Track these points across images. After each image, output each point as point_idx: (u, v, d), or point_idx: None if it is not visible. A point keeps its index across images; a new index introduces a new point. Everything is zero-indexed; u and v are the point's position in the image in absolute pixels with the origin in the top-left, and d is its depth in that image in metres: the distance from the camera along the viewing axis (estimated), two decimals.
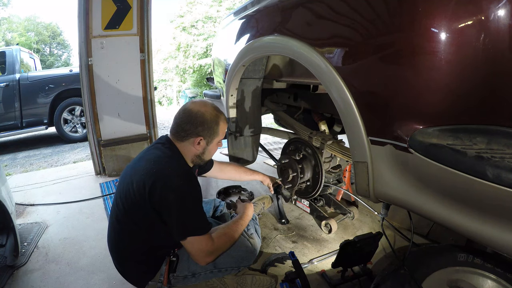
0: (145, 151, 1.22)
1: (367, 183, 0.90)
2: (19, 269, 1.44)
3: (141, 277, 1.16)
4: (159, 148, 1.17)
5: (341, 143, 1.54)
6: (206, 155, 1.24)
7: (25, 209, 2.10)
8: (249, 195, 2.14)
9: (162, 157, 1.12)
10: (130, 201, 1.10)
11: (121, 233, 1.15)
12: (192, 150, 1.20)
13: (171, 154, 1.16)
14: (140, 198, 1.07)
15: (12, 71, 4.30)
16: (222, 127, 1.22)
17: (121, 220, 1.13)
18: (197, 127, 1.16)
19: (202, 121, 1.16)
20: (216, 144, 1.25)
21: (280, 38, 1.16)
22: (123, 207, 1.12)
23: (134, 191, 1.08)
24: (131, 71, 2.80)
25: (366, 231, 1.68)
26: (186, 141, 1.18)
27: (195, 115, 1.16)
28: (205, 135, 1.18)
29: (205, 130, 1.17)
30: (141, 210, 1.09)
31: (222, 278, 1.24)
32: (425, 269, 1.10)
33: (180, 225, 1.08)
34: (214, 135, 1.20)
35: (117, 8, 2.58)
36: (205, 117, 1.16)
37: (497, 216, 0.64)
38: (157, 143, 1.21)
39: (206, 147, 1.21)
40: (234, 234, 1.24)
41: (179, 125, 1.18)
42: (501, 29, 0.61)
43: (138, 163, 1.15)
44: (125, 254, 1.17)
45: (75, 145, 4.49)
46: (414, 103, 0.75)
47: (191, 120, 1.16)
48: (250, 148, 1.98)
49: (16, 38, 20.60)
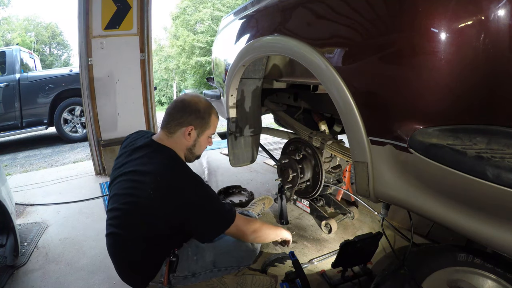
0: (136, 161, 1.14)
1: (367, 183, 0.90)
2: (19, 269, 1.44)
3: (141, 280, 1.15)
4: (154, 157, 1.11)
5: (341, 143, 1.54)
6: (196, 149, 1.23)
7: (25, 209, 2.10)
8: (249, 195, 2.14)
9: (164, 167, 1.08)
10: (135, 219, 1.07)
11: (122, 245, 1.12)
12: (184, 142, 1.18)
13: (171, 159, 1.12)
14: (152, 216, 1.05)
15: (12, 71, 4.30)
16: (213, 119, 1.22)
17: (122, 234, 1.09)
18: (189, 116, 1.16)
19: (195, 109, 1.16)
20: (207, 138, 1.24)
21: (280, 38, 1.16)
22: (126, 223, 1.08)
23: (143, 210, 1.05)
24: (131, 71, 2.80)
25: (366, 231, 1.68)
26: (178, 132, 1.16)
27: (188, 103, 1.17)
28: (196, 124, 1.17)
29: (198, 119, 1.17)
30: (148, 225, 1.06)
31: (222, 278, 1.24)
32: (425, 269, 1.10)
33: (217, 221, 1.11)
34: (205, 126, 1.20)
35: (117, 8, 2.58)
36: (198, 106, 1.17)
37: (497, 216, 0.64)
38: (148, 150, 1.14)
39: (197, 138, 1.20)
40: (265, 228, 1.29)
41: (171, 115, 1.17)
42: (501, 29, 0.61)
43: (137, 177, 1.09)
44: (126, 262, 1.14)
45: (75, 145, 4.49)
46: (414, 103, 0.75)
47: (184, 109, 1.16)
48: (250, 148, 1.98)
49: (16, 38, 20.60)
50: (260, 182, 2.48)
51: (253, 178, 2.57)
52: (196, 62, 15.22)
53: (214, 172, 2.74)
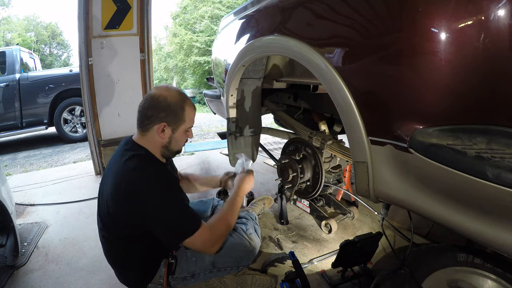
0: (112, 162, 1.14)
1: (367, 183, 0.90)
2: (19, 269, 1.44)
3: (139, 282, 1.15)
4: (124, 155, 1.07)
5: (341, 143, 1.54)
6: (173, 145, 1.14)
7: (25, 209, 2.10)
8: (249, 195, 2.14)
9: (127, 167, 1.03)
10: (112, 222, 1.07)
11: (113, 247, 1.14)
12: (158, 140, 1.11)
13: (136, 160, 1.05)
14: (120, 218, 1.04)
15: (12, 71, 4.30)
16: (188, 112, 1.12)
17: (108, 238, 1.11)
18: (160, 112, 1.07)
19: (165, 105, 1.07)
20: (183, 133, 1.14)
21: (280, 38, 1.16)
22: (108, 227, 1.10)
23: (111, 212, 1.04)
24: (131, 71, 2.80)
25: (366, 231, 1.68)
26: (151, 130, 1.09)
27: (157, 99, 1.08)
28: (169, 121, 1.08)
29: (169, 115, 1.08)
30: (125, 228, 1.06)
31: (222, 278, 1.24)
32: (425, 269, 1.10)
33: (171, 233, 1.04)
34: (179, 121, 1.10)
35: (117, 8, 2.58)
36: (168, 101, 1.07)
37: (497, 216, 0.64)
38: (123, 149, 1.12)
39: (172, 135, 1.11)
40: (229, 216, 1.16)
41: (142, 113, 1.10)
42: (501, 29, 0.61)
43: (107, 180, 1.08)
44: (121, 263, 1.16)
45: (75, 145, 4.49)
46: (414, 103, 0.75)
47: (153, 105, 1.08)
48: (250, 148, 1.98)
49: (16, 38, 20.61)
50: (260, 182, 2.48)
51: None
52: (195, 61, 15.18)
53: (214, 172, 2.74)
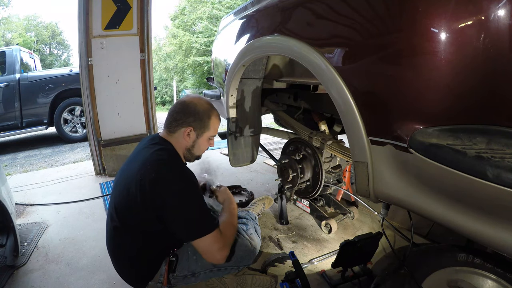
0: (137, 152, 1.20)
1: (367, 183, 0.90)
2: (19, 269, 1.44)
3: (141, 279, 1.16)
4: (152, 148, 1.13)
5: (341, 143, 1.54)
6: (195, 149, 1.23)
7: (25, 209, 2.10)
8: (249, 195, 2.14)
9: (157, 157, 1.09)
10: (127, 208, 1.08)
11: (120, 240, 1.14)
12: (183, 142, 1.19)
13: (165, 153, 1.13)
14: (138, 204, 1.05)
15: (12, 71, 4.30)
16: (214, 122, 1.22)
17: (119, 228, 1.11)
18: (188, 117, 1.17)
19: (194, 111, 1.18)
20: (206, 140, 1.24)
21: (280, 38, 1.16)
22: (121, 215, 1.10)
23: (131, 197, 1.05)
24: (131, 71, 2.80)
25: (366, 231, 1.68)
26: (177, 132, 1.18)
27: (187, 105, 1.19)
28: (195, 126, 1.18)
29: (196, 121, 1.18)
30: (139, 216, 1.07)
31: (222, 278, 1.24)
32: (425, 269, 1.10)
33: (188, 227, 1.06)
34: (204, 128, 1.20)
35: (117, 8, 2.58)
36: (197, 108, 1.18)
37: (497, 216, 0.64)
38: (150, 143, 1.18)
39: (196, 139, 1.20)
40: (235, 221, 1.24)
41: (171, 116, 1.20)
42: (501, 29, 0.61)
43: (132, 166, 1.12)
44: (124, 258, 1.16)
45: (75, 145, 4.49)
46: (414, 103, 0.75)
47: (183, 110, 1.18)
48: (250, 148, 1.98)
49: (16, 38, 20.62)
50: (260, 182, 2.48)
51: (253, 178, 2.58)
52: (194, 62, 15.17)
53: (214, 172, 2.74)
